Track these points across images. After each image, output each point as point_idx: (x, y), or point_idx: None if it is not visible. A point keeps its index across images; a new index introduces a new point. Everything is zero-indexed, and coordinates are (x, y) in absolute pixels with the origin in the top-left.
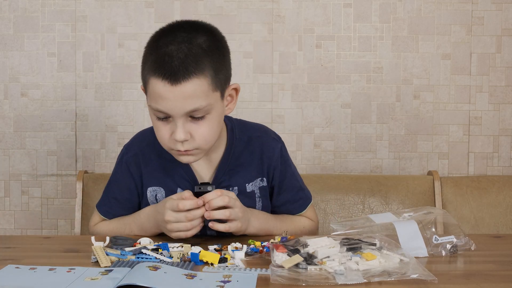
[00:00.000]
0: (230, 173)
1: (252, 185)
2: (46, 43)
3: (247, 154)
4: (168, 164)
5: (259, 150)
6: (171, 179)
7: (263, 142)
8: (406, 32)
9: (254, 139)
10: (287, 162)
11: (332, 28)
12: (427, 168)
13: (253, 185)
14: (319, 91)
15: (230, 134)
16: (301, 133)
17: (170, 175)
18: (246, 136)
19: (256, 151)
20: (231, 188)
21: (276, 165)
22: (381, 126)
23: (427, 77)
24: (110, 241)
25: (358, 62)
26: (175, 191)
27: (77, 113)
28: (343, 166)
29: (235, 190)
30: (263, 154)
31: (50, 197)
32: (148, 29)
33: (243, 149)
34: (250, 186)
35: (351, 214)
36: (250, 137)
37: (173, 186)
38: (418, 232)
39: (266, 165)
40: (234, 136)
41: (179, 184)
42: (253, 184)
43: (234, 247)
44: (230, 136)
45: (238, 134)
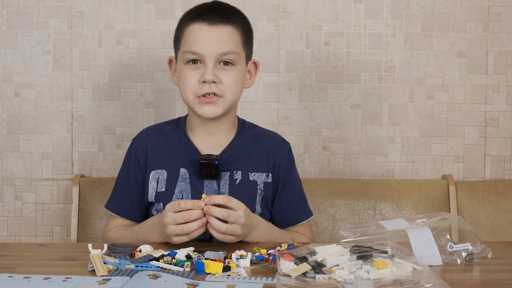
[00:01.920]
0: (235, 158)
1: (255, 175)
2: (41, 41)
3: (255, 147)
4: (174, 145)
5: (268, 146)
6: (175, 159)
7: (272, 140)
8: (419, 29)
9: (264, 136)
10: (293, 165)
11: (342, 25)
12: (441, 172)
13: (257, 176)
14: (327, 91)
15: (241, 127)
16: (309, 135)
17: (174, 155)
18: (256, 132)
19: (264, 147)
20: (235, 172)
21: (282, 163)
22: (393, 127)
23: (442, 76)
24: (108, 249)
25: (369, 60)
26: (178, 171)
27: (74, 114)
28: (353, 169)
29: (238, 174)
30: (270, 151)
31: (45, 202)
32: (148, 25)
33: (251, 142)
34: (253, 175)
35: (362, 220)
36: (260, 134)
37: (177, 166)
38: (432, 239)
39: (272, 162)
40: (244, 129)
41: (183, 164)
42: (257, 175)
43: (239, 255)
44: (240, 128)
45: (248, 129)
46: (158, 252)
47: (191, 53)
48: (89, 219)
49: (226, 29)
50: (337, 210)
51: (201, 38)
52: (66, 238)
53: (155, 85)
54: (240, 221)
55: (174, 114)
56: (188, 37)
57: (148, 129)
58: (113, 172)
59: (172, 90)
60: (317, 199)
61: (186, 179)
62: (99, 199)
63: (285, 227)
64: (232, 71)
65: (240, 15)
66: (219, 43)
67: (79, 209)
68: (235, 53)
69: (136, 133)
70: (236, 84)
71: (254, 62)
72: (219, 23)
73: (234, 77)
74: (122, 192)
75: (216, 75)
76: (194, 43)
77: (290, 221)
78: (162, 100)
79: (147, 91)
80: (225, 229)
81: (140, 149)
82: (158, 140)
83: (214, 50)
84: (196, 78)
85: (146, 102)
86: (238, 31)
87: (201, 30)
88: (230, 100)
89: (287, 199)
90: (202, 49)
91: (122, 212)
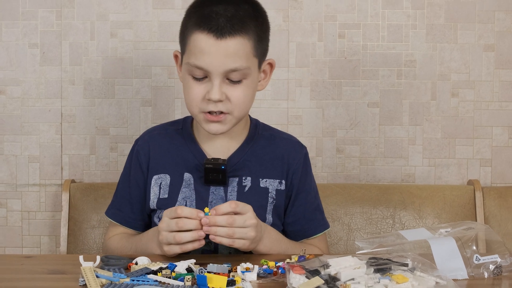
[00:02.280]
0: (245, 163)
1: (267, 182)
2: (27, 33)
3: (268, 151)
4: (178, 148)
5: (282, 150)
6: (180, 164)
7: (287, 143)
8: (442, 20)
9: (278, 139)
10: (309, 172)
11: (358, 15)
12: (467, 177)
13: (269, 183)
14: (342, 88)
15: (253, 129)
16: (321, 137)
17: (178, 159)
18: (269, 134)
19: (278, 150)
20: (244, 178)
21: (297, 170)
22: (414, 128)
23: (467, 71)
24: (101, 261)
25: (387, 54)
26: (182, 176)
27: (63, 113)
28: (370, 174)
29: (248, 180)
30: (285, 155)
31: (32, 210)
32: (144, 16)
33: (264, 145)
34: (264, 182)
35: (379, 230)
36: (274, 136)
37: (181, 171)
38: (456, 250)
39: (286, 167)
40: (257, 131)
41: (188, 169)
42: (269, 182)
43: (245, 268)
44: (253, 130)
45: (261, 131)
46: (156, 265)
47: (197, 68)
48: (80, 228)
49: (235, 41)
50: (352, 219)
51: (206, 52)
52: (55, 249)
53: (153, 82)
54: (248, 223)
55: (174, 113)
56: (192, 47)
57: (152, 129)
58: (106, 177)
59: (171, 87)
60: (330, 206)
61: (191, 185)
62: (91, 207)
63: (298, 239)
64: (241, 86)
65: (253, 15)
66: (227, 59)
67: (69, 218)
68: (245, 68)
69: (131, 134)
70: (246, 98)
71: (270, 62)
72: (227, 35)
73: (244, 92)
74: (122, 198)
75: (223, 92)
76: (199, 56)
77: (304, 233)
78: (161, 98)
79: (144, 88)
80: (233, 232)
81: (143, 151)
82: (162, 142)
83: (221, 67)
84: (201, 93)
85: (143, 100)
86: (250, 39)
87: (207, 42)
88: (239, 116)
89: (301, 209)
90: (207, 64)
91: (123, 219)
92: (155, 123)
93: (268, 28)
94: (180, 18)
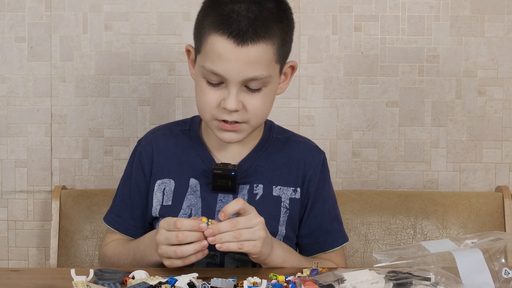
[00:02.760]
0: (257, 168)
1: (280, 190)
2: (14, 25)
3: (282, 155)
4: (184, 151)
5: (298, 155)
6: (185, 168)
7: (304, 147)
8: (468, 11)
9: (294, 143)
10: (326, 179)
11: (375, 6)
12: (495, 183)
13: (282, 191)
14: (358, 86)
15: (267, 132)
16: (336, 139)
17: (184, 163)
18: (284, 137)
19: (294, 155)
20: (255, 185)
21: (314, 177)
22: (437, 129)
23: (495, 67)
24: (95, 275)
25: (408, 49)
26: (188, 182)
27: (53, 113)
28: (389, 180)
29: (259, 188)
30: (300, 161)
31: (19, 219)
32: (142, 7)
33: (278, 149)
34: (277, 190)
35: (399, 241)
36: (289, 140)
37: (186, 176)
38: (483, 263)
39: (302, 174)
40: (271, 134)
41: (194, 174)
42: (282, 190)
43: (252, 283)
44: (267, 133)
45: (276, 134)
46: (154, 279)
47: (213, 73)
48: (71, 239)
49: (257, 48)
50: (369, 229)
51: (224, 58)
52: (44, 262)
53: (151, 79)
54: (254, 221)
55: (174, 113)
56: (209, 50)
57: (156, 129)
58: (100, 183)
59: (171, 84)
60: (345, 215)
61: (197, 192)
62: (83, 216)
63: (313, 254)
64: (260, 94)
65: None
66: (246, 67)
67: (59, 228)
68: (266, 76)
69: (127, 135)
70: (264, 107)
71: (292, 65)
72: (249, 41)
73: (263, 101)
74: (122, 203)
75: (240, 101)
76: (216, 62)
77: (319, 246)
78: (160, 97)
79: (141, 86)
80: (239, 233)
81: (145, 153)
82: (167, 144)
83: (240, 75)
84: (215, 100)
85: (140, 99)
86: (273, 45)
87: (226, 48)
88: (255, 125)
89: (317, 219)
90: (225, 71)
91: (122, 227)
92: (154, 124)
93: (293, 28)
94: (181, 9)
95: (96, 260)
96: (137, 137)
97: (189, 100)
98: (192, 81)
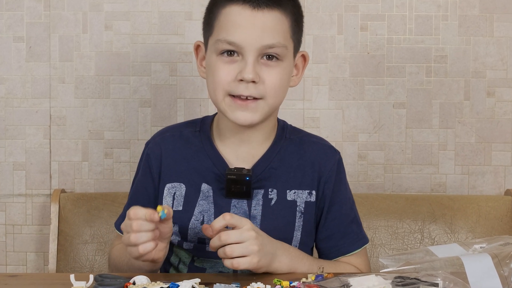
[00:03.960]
0: (271, 172)
1: (295, 193)
2: (12, 25)
3: (296, 157)
4: (195, 154)
5: (312, 156)
6: (197, 172)
7: (318, 148)
8: (477, 11)
9: (308, 144)
10: (343, 180)
11: (382, 5)
12: (504, 186)
13: (297, 194)
14: (364, 87)
15: (280, 132)
16: (341, 141)
17: (195, 167)
18: (298, 138)
19: (308, 156)
20: (270, 190)
21: (329, 178)
22: (445, 131)
23: (505, 68)
24: (94, 280)
25: (415, 49)
26: (199, 187)
27: (52, 115)
28: (395, 183)
29: (273, 193)
30: (315, 162)
31: (17, 223)
32: (143, 6)
33: (292, 150)
34: (292, 194)
35: (406, 245)
36: (303, 140)
37: (198, 181)
38: (493, 269)
39: (317, 176)
40: (284, 135)
41: (206, 178)
42: (297, 193)
43: None
44: (280, 133)
45: (289, 134)
46: (156, 285)
47: (228, 43)
48: (71, 244)
49: (273, 15)
50: (376, 233)
51: (241, 25)
52: (43, 267)
53: (152, 80)
54: (246, 235)
55: (176, 114)
56: (224, 22)
57: (164, 130)
58: (101, 186)
59: (173, 85)
60: None
61: (209, 197)
62: (83, 220)
63: (333, 257)
64: (277, 68)
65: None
66: (263, 33)
67: (58, 232)
68: (283, 46)
69: (128, 137)
70: (281, 84)
71: (303, 54)
72: (264, 6)
73: (280, 76)
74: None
75: (257, 73)
76: (232, 31)
77: (339, 250)
78: (161, 98)
79: (142, 87)
80: (231, 250)
81: (153, 155)
82: (176, 146)
83: (258, 42)
84: (231, 75)
85: (141, 101)
86: (287, 17)
87: (242, 15)
88: (272, 104)
89: (335, 222)
90: (241, 39)
91: None
92: (155, 126)
93: (303, 16)
94: (182, 8)
95: (96, 265)
96: (138, 139)
97: (191, 101)
98: (195, 81)
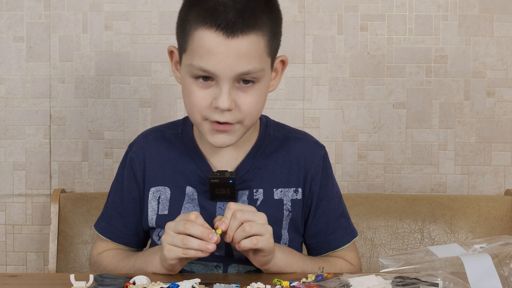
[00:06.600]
0: (256, 172)
1: (281, 192)
2: (12, 25)
3: (281, 154)
4: (179, 157)
5: (297, 152)
6: (181, 175)
7: (303, 144)
8: (477, 10)
9: (292, 140)
10: (329, 175)
11: (382, 5)
12: (504, 186)
13: (283, 193)
14: (364, 87)
15: (263, 129)
16: (341, 141)
17: (179, 170)
18: (282, 134)
19: (292, 153)
20: (255, 190)
21: (316, 175)
22: (445, 132)
23: (505, 68)
24: (94, 280)
25: (415, 49)
26: (184, 190)
27: (52, 115)
28: (395, 183)
29: (260, 193)
30: (300, 158)
31: (17, 223)
32: (143, 6)
33: (276, 148)
34: (278, 192)
35: (406, 245)
36: (287, 137)
37: (182, 184)
38: (493, 269)
39: (303, 173)
40: (267, 132)
41: (190, 181)
42: (283, 192)
43: None
44: (263, 131)
45: (272, 131)
46: (156, 285)
47: (201, 70)
48: (71, 244)
49: (248, 40)
50: (376, 233)
51: (214, 53)
52: (43, 267)
53: (152, 80)
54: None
55: (176, 114)
56: (196, 47)
57: (147, 133)
58: (100, 186)
59: (173, 85)
60: (351, 219)
61: (194, 200)
62: (83, 220)
63: (323, 253)
64: (254, 90)
65: (267, 6)
66: (238, 61)
67: (58, 232)
68: (259, 70)
69: (128, 137)
70: (257, 105)
71: (283, 60)
72: (239, 33)
73: (256, 98)
74: (114, 210)
75: (233, 99)
76: (206, 58)
77: (329, 245)
78: (161, 98)
79: (142, 87)
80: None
81: (137, 158)
82: (159, 149)
83: (232, 70)
84: (206, 99)
85: (141, 101)
86: (264, 36)
87: (215, 42)
88: (249, 125)
89: (323, 218)
90: (215, 68)
91: (114, 235)
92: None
93: (281, 20)
94: None
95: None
96: None
97: None
98: None
